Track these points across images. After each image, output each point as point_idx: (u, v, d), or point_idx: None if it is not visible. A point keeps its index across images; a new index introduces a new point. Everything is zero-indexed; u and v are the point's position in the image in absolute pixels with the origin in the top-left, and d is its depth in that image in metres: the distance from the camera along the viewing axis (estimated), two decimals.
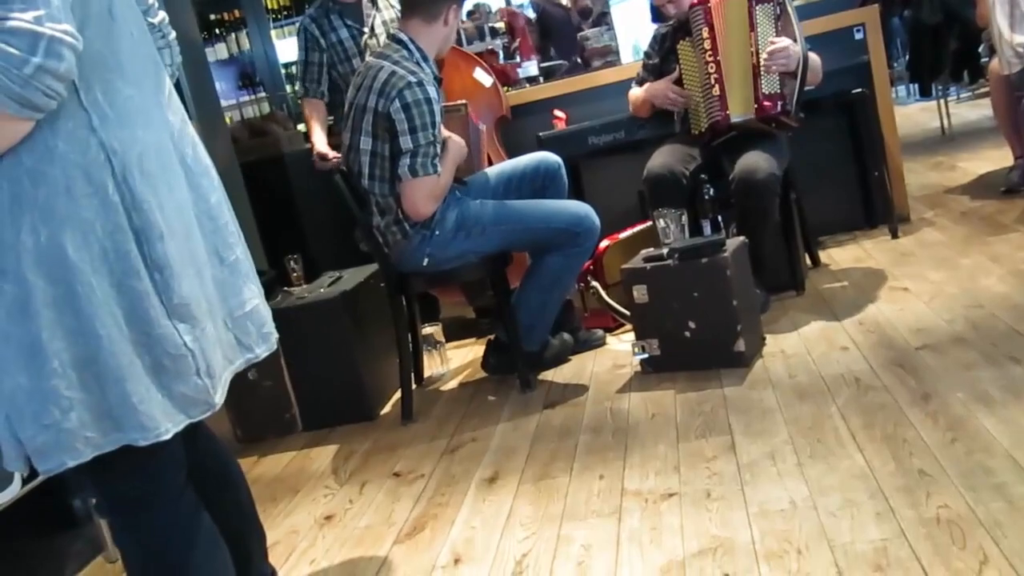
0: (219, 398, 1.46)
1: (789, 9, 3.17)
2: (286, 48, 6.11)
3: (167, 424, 1.38)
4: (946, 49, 5.67)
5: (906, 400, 2.27)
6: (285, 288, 3.29)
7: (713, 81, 3.26)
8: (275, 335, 1.61)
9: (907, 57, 6.77)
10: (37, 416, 1.30)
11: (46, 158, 1.28)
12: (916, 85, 7.11)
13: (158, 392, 1.37)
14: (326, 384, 3.10)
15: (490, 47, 4.63)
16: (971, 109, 6.80)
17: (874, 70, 3.87)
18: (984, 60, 4.81)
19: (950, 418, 2.12)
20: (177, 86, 3.44)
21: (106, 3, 1.38)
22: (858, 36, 3.91)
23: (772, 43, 3.14)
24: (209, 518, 1.53)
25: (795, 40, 3.14)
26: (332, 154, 3.56)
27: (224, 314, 1.50)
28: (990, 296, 2.88)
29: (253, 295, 1.56)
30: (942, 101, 6.08)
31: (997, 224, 3.69)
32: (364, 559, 2.13)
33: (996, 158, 4.76)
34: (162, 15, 1.66)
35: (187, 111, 3.34)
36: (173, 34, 1.69)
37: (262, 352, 1.57)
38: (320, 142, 3.65)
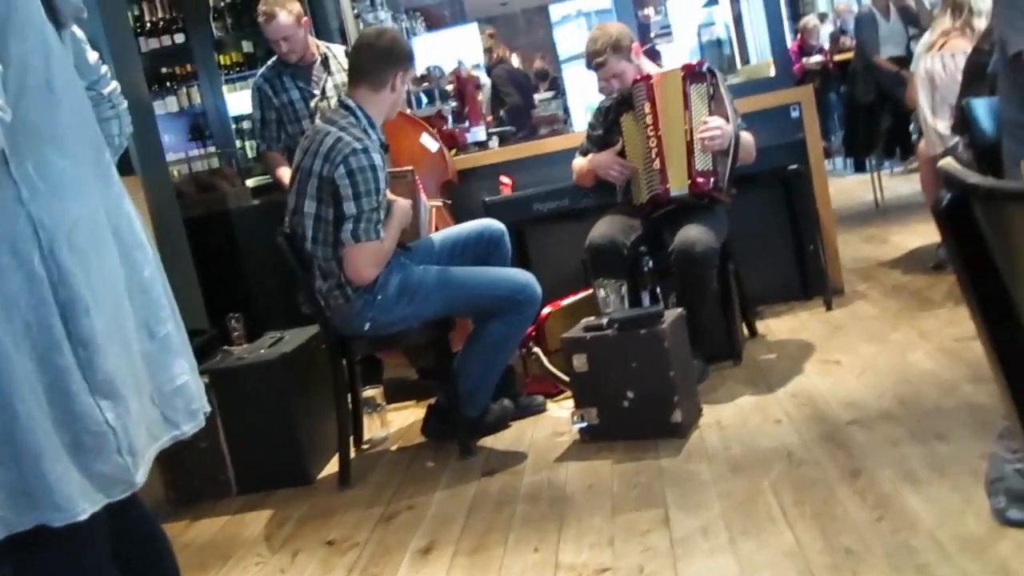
0: (141, 477, 1.43)
1: (721, 89, 3.28)
2: (237, 102, 6.12)
3: (84, 504, 1.34)
4: (879, 126, 5.89)
5: (836, 476, 2.32)
6: (225, 347, 3.26)
7: (654, 155, 3.34)
8: (204, 411, 1.60)
9: (843, 132, 7.01)
10: None
11: None
12: (851, 159, 7.36)
13: (77, 471, 1.34)
14: (263, 446, 3.06)
15: (439, 110, 4.69)
16: (903, 183, 7.04)
17: (809, 147, 4.00)
18: (914, 138, 5.00)
19: (877, 495, 2.17)
20: None
21: (44, 76, 1.37)
22: (794, 114, 4.06)
23: (704, 122, 3.25)
24: None
25: (727, 119, 3.25)
26: None
27: (151, 390, 1.48)
28: (918, 372, 2.97)
29: (183, 371, 1.54)
30: (876, 175, 6.30)
31: (926, 299, 3.81)
32: None
33: (926, 233, 4.93)
34: (113, 85, 1.66)
35: (132, 164, 3.33)
36: (124, 104, 1.69)
37: (188, 429, 1.55)
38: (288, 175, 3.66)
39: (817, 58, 8.92)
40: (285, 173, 3.68)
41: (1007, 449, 1.92)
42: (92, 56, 1.62)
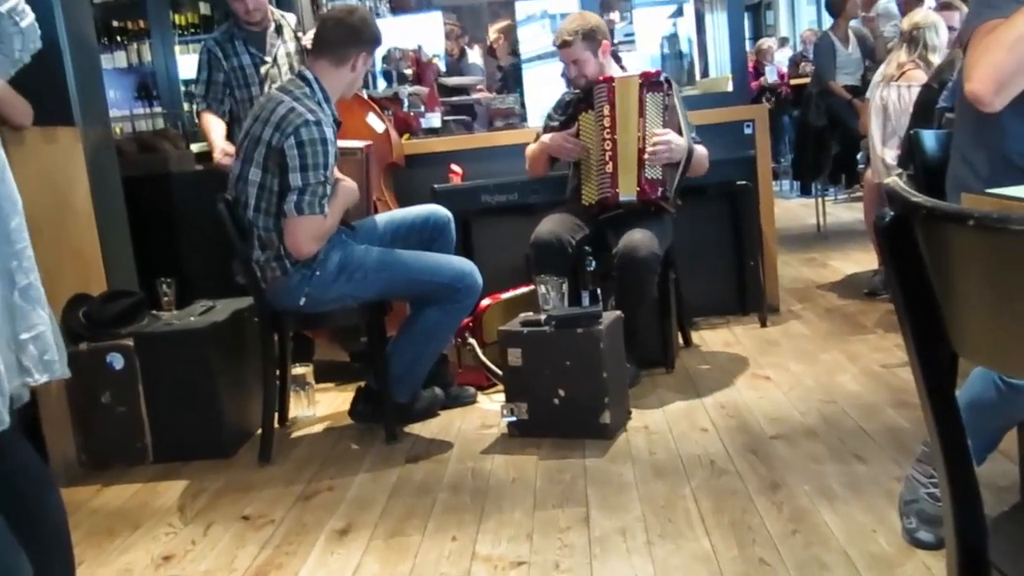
0: (8, 418, 1.44)
1: (676, 101, 3.31)
2: (188, 64, 5.97)
3: None
4: (828, 152, 6.00)
5: (755, 487, 2.35)
6: (153, 312, 3.18)
7: (607, 158, 3.35)
8: (59, 366, 1.59)
9: (793, 155, 7.13)
10: None
11: None
12: (798, 183, 7.48)
13: None
14: (184, 415, 2.99)
15: (395, 92, 4.63)
16: (846, 210, 7.19)
17: (759, 165, 4.05)
18: (861, 167, 5.11)
19: (794, 509, 2.20)
20: (64, 88, 3.31)
21: None
22: (747, 131, 4.11)
23: (656, 135, 3.26)
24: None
25: (680, 131, 3.28)
26: (232, 149, 3.47)
27: (9, 335, 1.50)
28: (843, 393, 3.02)
29: (42, 321, 1.56)
30: (820, 200, 6.42)
31: (858, 324, 3.89)
32: None
33: (864, 260, 5.04)
34: (14, 2, 1.64)
35: (73, 116, 3.23)
36: (28, 19, 1.67)
37: (41, 378, 1.56)
38: (221, 139, 3.58)
39: (775, 78, 9.09)
40: (218, 136, 3.60)
41: (923, 473, 1.96)
42: None
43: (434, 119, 4.57)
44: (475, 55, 10.58)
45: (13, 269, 1.52)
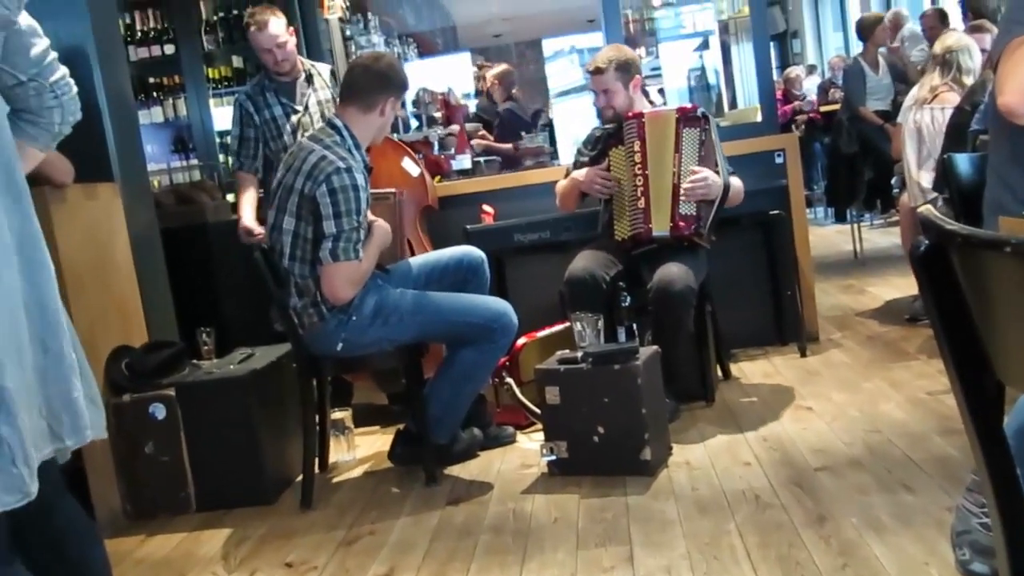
0: (35, 488, 1.43)
1: (713, 136, 3.30)
2: (223, 116, 6.09)
3: None
4: (861, 177, 5.95)
5: (802, 521, 2.31)
6: (194, 361, 3.21)
7: (639, 193, 3.35)
8: (92, 430, 1.58)
9: (825, 182, 7.08)
10: None
11: None
12: (832, 209, 7.42)
13: None
14: (226, 463, 3.01)
15: (426, 136, 4.69)
16: (883, 236, 7.11)
17: (791, 193, 4.03)
18: (896, 192, 5.06)
19: (842, 542, 2.15)
20: (103, 146, 3.38)
21: None
22: (778, 160, 4.09)
23: (693, 172, 3.26)
24: None
25: (716, 167, 3.27)
26: (258, 230, 3.57)
27: (40, 402, 1.49)
28: (888, 422, 2.97)
29: (75, 387, 1.55)
30: (856, 226, 6.36)
31: (900, 351, 3.83)
32: None
33: (903, 286, 4.97)
34: (59, 73, 1.67)
35: (112, 172, 3.30)
36: (70, 92, 1.70)
37: (72, 444, 1.55)
38: (247, 216, 3.67)
39: (808, 104, 9.09)
40: (246, 210, 3.70)
41: (974, 502, 1.91)
42: (37, 48, 1.62)
43: (465, 160, 4.61)
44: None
45: (45, 336, 1.51)
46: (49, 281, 1.54)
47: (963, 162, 2.04)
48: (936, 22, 5.94)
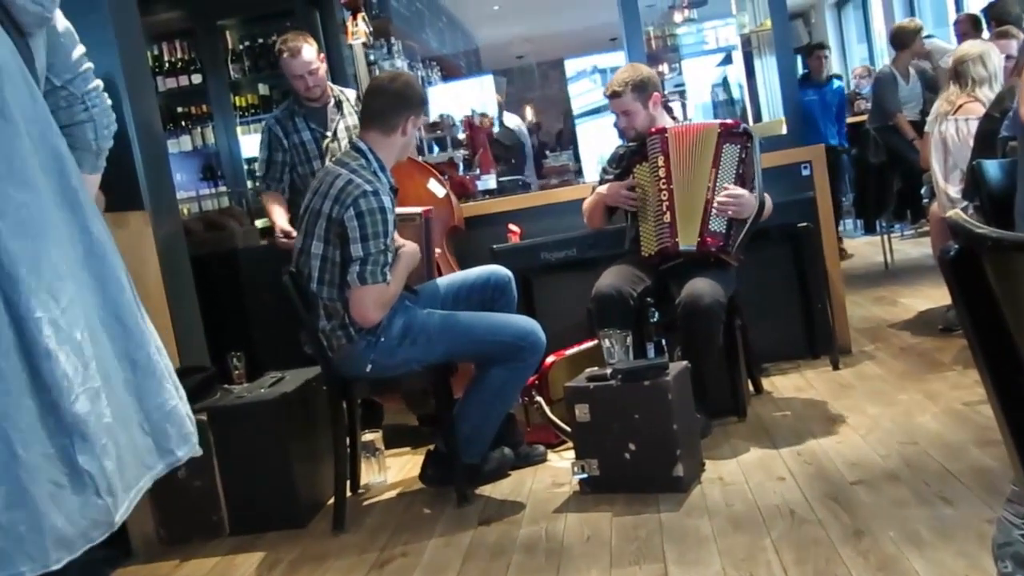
0: (120, 516, 1.39)
1: (754, 154, 3.28)
2: (250, 144, 6.18)
3: (59, 554, 1.30)
4: (890, 188, 5.89)
5: (839, 536, 2.27)
6: (225, 386, 3.24)
7: (665, 208, 3.34)
8: (196, 436, 1.55)
9: (854, 193, 7.02)
10: None
11: None
12: (861, 220, 7.35)
13: (53, 518, 1.29)
14: (258, 487, 3.02)
15: (451, 157, 4.72)
16: (914, 246, 7.03)
17: (819, 205, 4.00)
18: (925, 201, 5.00)
19: (881, 557, 2.12)
20: (133, 175, 3.43)
21: None
22: (805, 172, 4.06)
23: (727, 188, 3.24)
24: None
25: (753, 186, 3.25)
26: (294, 231, 3.58)
27: (140, 419, 1.45)
28: (924, 433, 2.92)
29: (171, 396, 1.50)
30: (886, 237, 6.29)
31: (934, 362, 3.77)
32: None
33: (935, 296, 4.91)
34: (92, 84, 1.61)
35: (142, 200, 3.34)
36: (102, 105, 1.64)
37: (183, 455, 1.51)
38: (282, 220, 3.69)
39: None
40: (279, 216, 3.71)
41: (1016, 514, 1.87)
42: (77, 52, 1.57)
43: (490, 180, 4.64)
44: (529, 114, 10.75)
45: (130, 349, 1.46)
46: (122, 292, 1.48)
47: (992, 168, 2.02)
48: (969, 27, 5.88)
